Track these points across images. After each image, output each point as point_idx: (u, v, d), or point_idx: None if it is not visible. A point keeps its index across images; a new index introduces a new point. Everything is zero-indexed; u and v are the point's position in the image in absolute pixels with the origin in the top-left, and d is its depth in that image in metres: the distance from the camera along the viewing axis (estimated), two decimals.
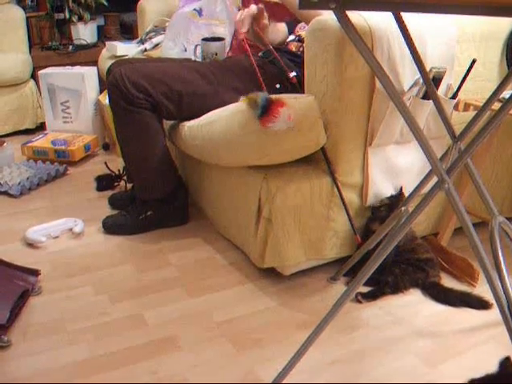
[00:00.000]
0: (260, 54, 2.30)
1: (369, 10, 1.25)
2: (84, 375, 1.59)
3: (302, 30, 2.26)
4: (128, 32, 4.48)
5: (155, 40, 3.24)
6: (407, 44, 1.57)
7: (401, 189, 1.97)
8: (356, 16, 1.69)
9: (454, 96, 1.90)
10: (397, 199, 1.95)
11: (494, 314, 1.80)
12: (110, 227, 2.39)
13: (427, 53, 1.82)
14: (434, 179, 1.36)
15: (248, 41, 2.16)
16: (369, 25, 1.70)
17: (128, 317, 1.85)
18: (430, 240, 2.17)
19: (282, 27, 2.36)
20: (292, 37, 2.32)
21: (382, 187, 1.96)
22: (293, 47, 2.26)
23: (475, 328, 1.78)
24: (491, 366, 1.61)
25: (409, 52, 1.61)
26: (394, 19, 1.55)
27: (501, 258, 1.38)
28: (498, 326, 1.74)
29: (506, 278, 1.35)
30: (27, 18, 3.97)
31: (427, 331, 1.78)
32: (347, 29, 1.19)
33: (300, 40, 2.25)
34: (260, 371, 1.60)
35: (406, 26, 1.54)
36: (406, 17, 1.54)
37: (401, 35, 1.58)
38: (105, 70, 2.68)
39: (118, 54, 3.26)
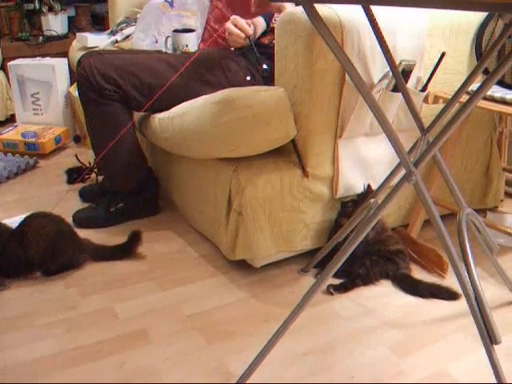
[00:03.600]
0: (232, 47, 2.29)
1: (337, 2, 1.25)
2: (54, 370, 1.58)
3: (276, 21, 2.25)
4: (99, 23, 4.44)
5: (126, 31, 3.22)
6: (377, 37, 1.58)
7: (368, 186, 1.99)
8: (326, 9, 1.69)
9: (424, 89, 1.92)
10: (365, 196, 1.96)
11: (462, 304, 1.82)
12: (81, 220, 2.37)
13: (397, 46, 1.83)
14: (403, 171, 1.37)
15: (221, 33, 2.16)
16: (339, 18, 1.71)
17: (98, 310, 1.84)
18: (400, 231, 2.19)
19: (260, 22, 2.34)
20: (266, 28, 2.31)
21: (352, 179, 1.97)
22: (265, 40, 2.25)
23: (444, 319, 1.80)
24: (460, 356, 1.64)
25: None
26: (363, 12, 1.55)
27: (468, 250, 1.39)
28: (466, 316, 1.75)
29: (473, 269, 1.36)
30: None
31: (397, 322, 1.79)
32: (316, 22, 1.19)
33: (273, 31, 2.24)
34: (231, 363, 1.60)
35: (375, 19, 1.54)
36: (376, 10, 1.55)
37: (371, 28, 1.59)
38: (75, 62, 2.65)
39: (89, 45, 3.22)
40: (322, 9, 1.61)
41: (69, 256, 2.04)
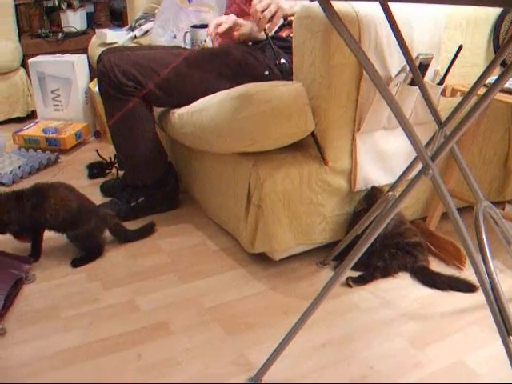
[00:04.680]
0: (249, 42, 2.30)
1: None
2: (78, 361, 1.61)
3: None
4: (118, 19, 4.47)
5: (145, 27, 3.24)
6: (393, 31, 1.58)
7: (372, 188, 2.00)
8: (342, 3, 1.70)
9: (441, 82, 1.92)
10: (371, 200, 1.97)
11: (480, 296, 1.82)
12: None
13: (414, 39, 1.83)
14: (420, 165, 1.38)
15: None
16: (356, 12, 1.72)
17: (121, 303, 1.87)
18: (419, 224, 2.20)
19: None
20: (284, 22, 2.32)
21: (370, 172, 1.98)
22: (283, 33, 2.26)
23: (462, 311, 1.82)
24: (477, 347, 1.65)
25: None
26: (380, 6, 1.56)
27: (485, 242, 1.40)
28: (484, 308, 1.76)
29: (490, 261, 1.37)
30: (16, 6, 3.96)
31: (415, 314, 1.81)
32: (332, 19, 1.20)
33: (290, 24, 2.25)
34: (251, 355, 1.63)
35: (392, 13, 1.55)
36: (393, 4, 1.56)
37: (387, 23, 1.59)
38: (95, 58, 2.68)
39: (108, 41, 3.26)
40: (338, 3, 1.62)
41: (90, 227, 2.10)
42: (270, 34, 2.09)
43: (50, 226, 2.07)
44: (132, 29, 3.31)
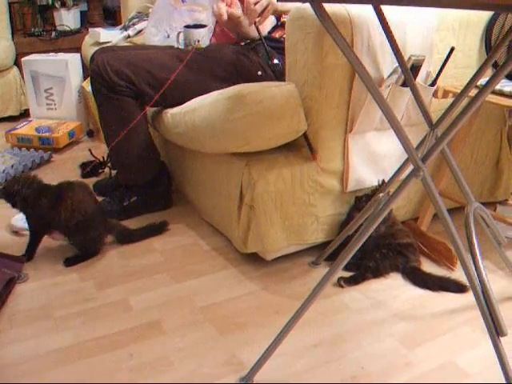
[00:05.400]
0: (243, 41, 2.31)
1: (346, 2, 1.26)
2: (71, 361, 1.61)
3: (286, 16, 2.27)
4: (111, 18, 4.47)
5: (138, 26, 3.24)
6: (385, 33, 1.59)
7: (383, 181, 2.00)
8: (335, 4, 1.71)
9: (433, 83, 1.93)
10: (379, 191, 1.97)
11: (471, 297, 1.83)
12: None
13: (407, 41, 1.84)
14: (411, 166, 1.39)
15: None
16: (349, 13, 1.72)
17: (113, 302, 1.87)
18: (410, 225, 2.21)
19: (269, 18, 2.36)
20: (277, 22, 2.33)
21: (362, 173, 1.99)
22: (276, 34, 2.27)
23: (452, 311, 1.82)
24: (468, 348, 1.66)
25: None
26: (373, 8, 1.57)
27: (475, 243, 1.41)
28: (474, 308, 1.76)
29: (480, 262, 1.38)
30: (9, 4, 3.95)
31: (406, 314, 1.81)
32: (324, 21, 1.21)
33: (283, 26, 2.26)
34: (242, 354, 1.63)
35: (384, 15, 1.56)
36: (386, 6, 1.56)
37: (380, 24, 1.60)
38: (88, 57, 2.68)
39: (101, 40, 3.25)
40: (330, 4, 1.62)
41: (96, 235, 2.11)
42: (262, 34, 2.10)
43: (62, 228, 2.06)
44: (125, 28, 3.30)
